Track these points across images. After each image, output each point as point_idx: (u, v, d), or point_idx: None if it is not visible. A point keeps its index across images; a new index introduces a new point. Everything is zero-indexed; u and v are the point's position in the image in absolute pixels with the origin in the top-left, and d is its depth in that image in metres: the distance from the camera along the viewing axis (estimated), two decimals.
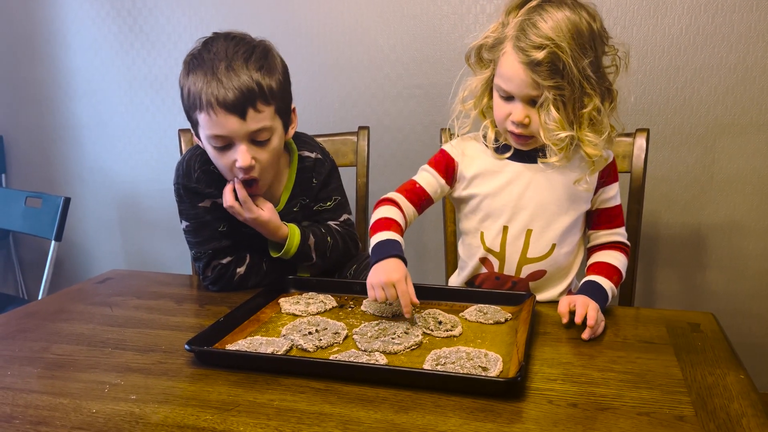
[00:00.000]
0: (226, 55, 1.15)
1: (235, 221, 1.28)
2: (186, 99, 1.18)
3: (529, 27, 1.06)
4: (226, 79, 1.13)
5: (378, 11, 2.10)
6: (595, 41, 1.08)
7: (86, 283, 1.36)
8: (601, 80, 1.10)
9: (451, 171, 1.25)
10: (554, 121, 1.08)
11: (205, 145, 1.21)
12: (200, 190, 1.27)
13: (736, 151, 1.93)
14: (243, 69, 1.14)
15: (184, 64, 1.20)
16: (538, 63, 1.05)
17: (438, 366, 0.89)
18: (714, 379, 0.87)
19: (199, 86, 1.14)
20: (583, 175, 1.16)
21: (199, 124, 1.18)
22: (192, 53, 1.20)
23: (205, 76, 1.14)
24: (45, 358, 0.98)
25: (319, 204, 1.36)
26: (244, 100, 1.13)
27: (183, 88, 1.19)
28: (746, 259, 1.98)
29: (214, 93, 1.12)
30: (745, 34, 1.85)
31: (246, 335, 1.03)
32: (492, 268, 1.24)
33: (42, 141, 2.56)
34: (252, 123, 1.15)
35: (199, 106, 1.14)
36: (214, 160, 1.22)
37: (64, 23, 2.41)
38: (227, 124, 1.14)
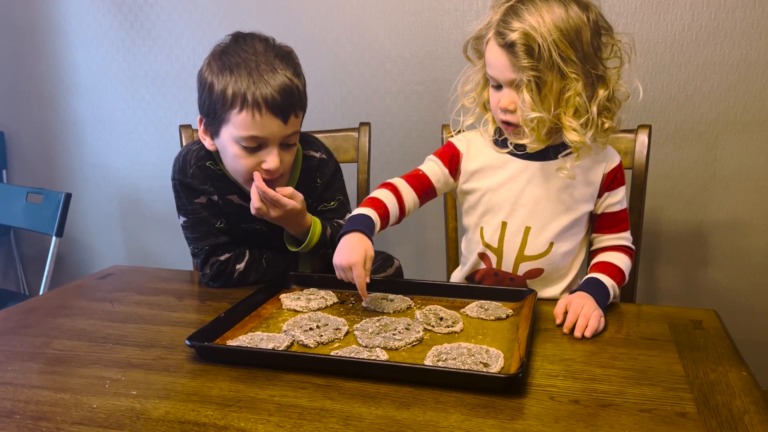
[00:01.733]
0: (265, 55, 1.15)
1: (233, 218, 1.28)
2: (217, 95, 1.15)
3: (510, 14, 1.08)
4: (273, 81, 1.13)
5: (379, 7, 2.10)
6: (582, 29, 1.07)
7: (87, 279, 1.36)
8: (588, 66, 1.09)
9: (456, 162, 1.25)
10: (527, 104, 1.08)
11: (228, 145, 1.18)
12: (195, 186, 1.27)
13: (738, 148, 1.92)
14: (282, 70, 1.15)
15: (214, 59, 1.17)
16: (513, 44, 1.06)
17: (439, 362, 0.89)
18: (716, 376, 0.86)
19: (243, 86, 1.12)
20: (565, 163, 1.16)
21: (229, 123, 1.15)
22: (223, 50, 1.18)
23: (251, 76, 1.12)
24: (46, 354, 0.98)
25: (323, 204, 1.35)
26: (289, 104, 1.15)
27: (214, 84, 1.15)
28: (748, 256, 1.97)
29: (263, 94, 1.12)
30: (747, 31, 1.84)
31: (247, 331, 1.03)
32: (490, 264, 1.24)
33: (43, 137, 2.56)
34: (290, 127, 1.17)
35: (242, 105, 1.12)
36: (233, 161, 1.20)
37: (65, 19, 2.41)
38: (270, 126, 1.14)
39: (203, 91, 1.18)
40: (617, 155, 1.24)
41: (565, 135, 1.12)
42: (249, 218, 1.28)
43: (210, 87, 1.16)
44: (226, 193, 1.29)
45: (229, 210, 1.30)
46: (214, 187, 1.27)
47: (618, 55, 1.14)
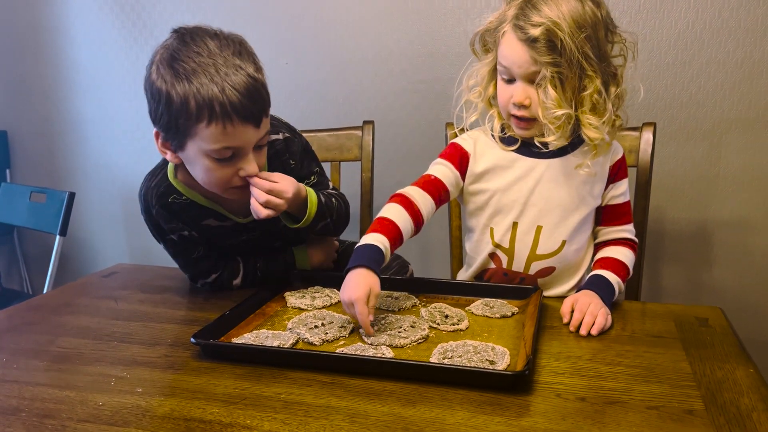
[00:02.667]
0: (221, 54, 1.02)
1: (216, 239, 1.25)
2: (177, 107, 1.01)
3: (528, 7, 1.07)
4: (238, 84, 1.01)
5: (382, 6, 2.09)
6: (597, 25, 1.08)
7: (92, 277, 1.36)
8: (603, 63, 1.09)
9: (465, 164, 1.23)
10: (552, 100, 1.07)
11: (197, 158, 1.07)
12: (163, 225, 1.21)
13: (742, 147, 1.91)
14: (244, 69, 1.03)
15: (165, 67, 1.02)
16: (535, 39, 1.05)
17: (445, 359, 0.89)
18: (723, 374, 0.86)
19: (207, 93, 0.99)
20: (585, 159, 1.15)
21: (196, 136, 1.03)
22: (172, 54, 1.02)
23: (213, 81, 1.00)
24: (51, 351, 0.98)
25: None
26: (260, 106, 1.05)
27: (171, 95, 1.01)
28: (753, 255, 1.97)
29: (231, 101, 1.00)
30: (752, 29, 1.84)
31: (252, 329, 1.03)
32: (500, 264, 1.24)
33: (46, 136, 2.55)
34: (263, 129, 1.08)
35: (210, 118, 1.00)
36: (206, 174, 1.09)
37: (68, 18, 2.41)
38: (243, 134, 1.04)
39: (157, 103, 1.04)
40: (620, 147, 1.24)
41: (584, 132, 1.12)
42: (232, 235, 1.25)
43: (167, 99, 1.02)
44: (201, 220, 1.22)
45: (210, 235, 1.24)
46: (183, 222, 1.20)
47: (623, 54, 1.14)
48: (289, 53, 2.21)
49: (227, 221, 1.23)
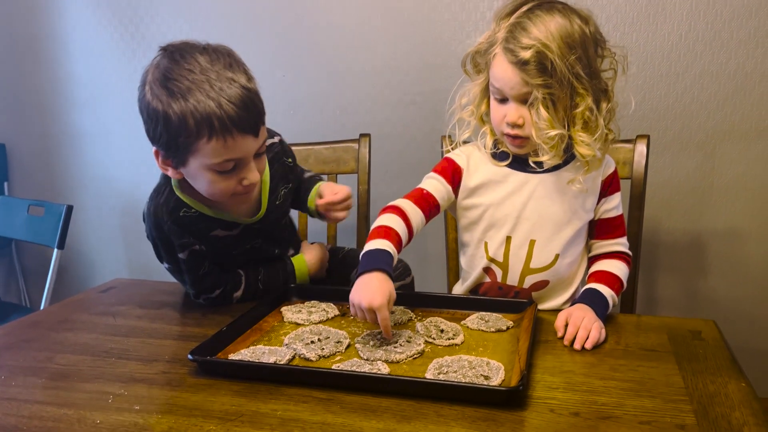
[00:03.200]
0: (213, 69, 1.04)
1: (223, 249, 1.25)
2: (176, 126, 1.03)
3: (517, 30, 1.08)
4: (234, 97, 1.03)
5: (379, 18, 2.11)
6: (587, 43, 1.09)
7: (89, 293, 1.37)
8: (594, 80, 1.11)
9: (458, 179, 1.24)
10: (544, 120, 1.08)
11: (199, 173, 1.09)
12: (175, 241, 1.19)
13: (736, 157, 1.93)
14: (236, 80, 1.05)
15: (158, 87, 1.04)
16: (526, 62, 1.06)
17: (440, 375, 0.90)
18: (715, 388, 0.87)
19: (204, 110, 1.01)
20: (577, 175, 1.16)
21: (197, 152, 1.05)
22: (164, 74, 1.04)
23: (208, 97, 1.01)
24: (49, 369, 0.98)
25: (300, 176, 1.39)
26: (256, 116, 1.07)
27: (169, 114, 1.02)
28: (747, 265, 1.98)
29: (228, 115, 1.02)
30: (744, 41, 1.86)
31: (249, 344, 1.03)
32: (495, 278, 1.25)
33: (44, 149, 2.56)
34: (260, 138, 1.10)
35: (210, 134, 1.02)
36: (209, 187, 1.11)
37: (66, 31, 2.42)
38: (243, 145, 1.06)
39: (155, 123, 1.06)
40: (612, 161, 1.25)
41: (577, 149, 1.13)
42: (238, 244, 1.27)
43: (165, 119, 1.03)
44: (209, 231, 1.23)
45: (217, 246, 1.25)
46: (194, 235, 1.20)
47: (613, 67, 1.15)
48: (286, 66, 2.22)
49: (234, 229, 1.25)
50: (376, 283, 1.00)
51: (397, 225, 1.13)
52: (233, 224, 1.25)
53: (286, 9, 2.18)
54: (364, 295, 0.99)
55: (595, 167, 1.18)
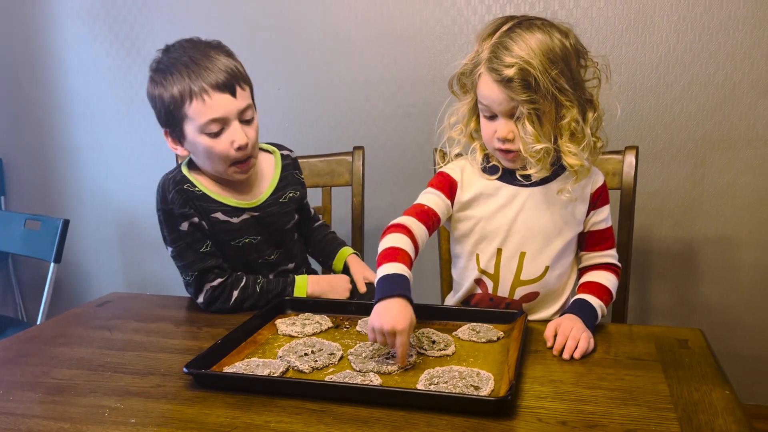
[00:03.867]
0: (195, 48, 1.24)
1: (222, 236, 1.33)
2: (168, 101, 1.22)
3: (499, 49, 1.10)
4: (210, 65, 1.21)
5: (372, 32, 2.14)
6: (568, 56, 1.11)
7: (86, 307, 1.38)
8: (579, 92, 1.13)
9: (454, 192, 1.25)
10: (530, 135, 1.10)
11: (195, 141, 1.24)
12: (176, 211, 1.28)
13: (725, 166, 1.96)
14: (217, 55, 1.24)
15: (153, 74, 1.25)
16: (510, 79, 1.08)
17: (431, 386, 0.91)
18: (700, 395, 0.89)
19: (186, 80, 1.20)
20: (566, 185, 1.18)
21: (187, 119, 1.22)
22: (156, 64, 1.26)
23: (188, 69, 1.20)
24: (46, 383, 1.00)
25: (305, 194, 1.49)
26: (231, 78, 1.22)
27: (160, 95, 1.23)
28: (738, 272, 2.00)
29: (205, 78, 1.20)
30: (731, 52, 1.89)
31: (243, 357, 1.05)
32: (486, 290, 1.26)
33: (41, 163, 2.58)
34: (240, 101, 1.24)
35: (190, 97, 1.20)
36: (205, 154, 1.25)
37: (63, 47, 2.45)
38: (222, 104, 1.21)
39: (155, 105, 1.26)
40: (601, 174, 1.27)
41: (564, 159, 1.15)
42: (236, 233, 1.33)
43: (160, 98, 1.23)
44: (209, 212, 1.31)
45: (216, 229, 1.32)
46: (195, 209, 1.29)
47: (597, 76, 1.17)
48: (280, 80, 2.25)
49: (233, 217, 1.33)
50: (397, 307, 0.99)
51: (407, 245, 1.11)
52: (234, 211, 1.32)
53: (280, 24, 2.21)
54: (386, 319, 0.98)
55: (584, 176, 1.19)
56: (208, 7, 2.27)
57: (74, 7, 2.40)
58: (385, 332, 0.97)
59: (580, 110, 1.13)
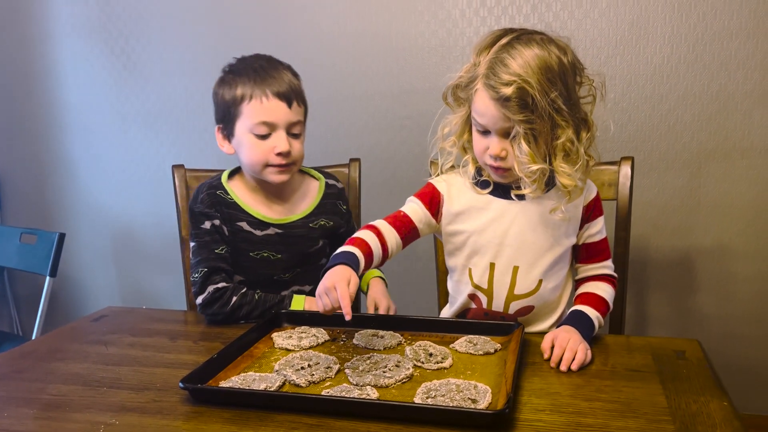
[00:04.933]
0: (267, 61, 1.37)
1: (242, 245, 1.37)
2: (229, 98, 1.33)
3: (497, 65, 1.09)
4: (276, 74, 1.33)
5: (368, 44, 2.15)
6: (566, 74, 1.10)
7: (81, 321, 1.37)
8: (574, 111, 1.12)
9: (436, 204, 1.25)
10: (525, 155, 1.10)
11: (242, 138, 1.33)
12: (202, 210, 1.35)
13: (721, 176, 1.96)
14: (285, 71, 1.36)
15: (224, 74, 1.38)
16: (507, 98, 1.07)
17: (428, 399, 0.91)
18: (698, 407, 0.88)
19: (250, 83, 1.31)
20: (559, 204, 1.18)
21: (241, 116, 1.32)
22: (229, 67, 1.39)
23: (256, 74, 1.32)
24: (41, 399, 0.99)
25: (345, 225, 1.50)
26: (291, 92, 1.33)
27: (222, 91, 1.35)
28: (735, 282, 2.00)
29: (268, 84, 1.31)
30: (725, 62, 1.90)
31: (239, 371, 1.04)
32: (481, 304, 1.25)
33: (37, 176, 2.58)
34: (294, 114, 1.34)
35: (250, 97, 1.31)
36: (249, 152, 1.33)
37: (59, 61, 2.45)
38: (276, 110, 1.31)
39: (217, 101, 1.37)
40: (594, 186, 1.27)
41: (558, 179, 1.14)
42: (257, 246, 1.37)
43: (222, 95, 1.35)
44: (235, 220, 1.37)
45: (238, 238, 1.37)
46: (221, 214, 1.36)
47: (592, 93, 1.17)
48: None
49: (258, 230, 1.38)
50: (337, 269, 1.04)
51: (370, 239, 1.15)
52: (259, 224, 1.38)
53: (275, 37, 2.22)
54: (325, 279, 1.02)
55: (577, 195, 1.19)
56: (203, 22, 2.28)
57: (70, 22, 2.41)
58: (326, 290, 1.01)
59: (575, 130, 1.12)
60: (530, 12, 2.00)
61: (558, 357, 1.04)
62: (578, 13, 1.97)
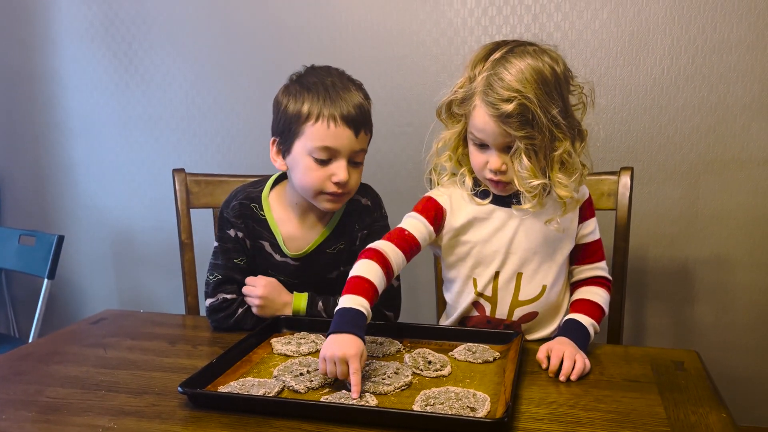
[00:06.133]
0: (340, 78, 1.27)
1: (261, 262, 1.35)
2: (292, 113, 1.23)
3: (495, 80, 1.08)
4: (347, 96, 1.23)
5: (368, 51, 2.15)
6: (561, 85, 1.11)
7: (80, 324, 1.37)
8: (570, 122, 1.12)
9: (440, 219, 1.24)
10: (526, 170, 1.10)
11: (300, 158, 1.24)
12: (229, 218, 1.33)
13: (719, 187, 1.97)
14: (356, 91, 1.25)
15: (291, 84, 1.28)
16: (508, 115, 1.07)
17: (427, 407, 0.91)
18: (697, 418, 0.88)
19: (319, 101, 1.21)
20: (554, 215, 1.18)
21: (302, 135, 1.22)
22: (299, 75, 1.29)
23: (326, 92, 1.22)
24: (39, 402, 0.99)
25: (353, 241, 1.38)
26: (360, 117, 1.23)
27: (287, 103, 1.24)
28: (733, 293, 2.00)
29: (337, 106, 1.21)
30: (724, 74, 1.91)
31: (238, 376, 1.04)
32: (484, 312, 1.25)
33: (37, 179, 2.58)
34: (359, 142, 1.24)
35: (316, 118, 1.20)
36: (304, 175, 1.24)
37: (60, 64, 2.46)
38: (342, 136, 1.21)
39: (278, 112, 1.27)
40: (586, 188, 1.27)
41: (555, 191, 1.14)
42: (274, 268, 1.35)
43: (286, 107, 1.24)
44: (259, 238, 1.34)
45: (258, 254, 1.35)
46: (246, 227, 1.33)
47: (582, 101, 1.17)
48: None
49: (277, 254, 1.34)
50: (347, 339, 0.98)
51: (375, 275, 1.09)
52: (280, 251, 1.34)
53: (277, 42, 2.22)
54: (336, 347, 0.97)
55: (573, 208, 1.20)
56: (206, 26, 2.28)
57: (73, 25, 2.41)
58: (336, 359, 0.96)
59: (571, 141, 1.13)
60: (531, 22, 2.01)
61: (555, 367, 1.04)
62: (579, 24, 1.98)
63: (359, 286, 1.07)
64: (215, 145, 2.35)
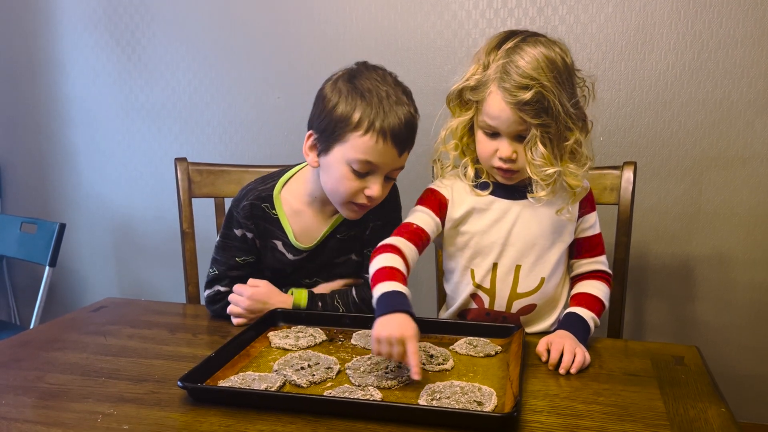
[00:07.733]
0: (394, 87, 1.20)
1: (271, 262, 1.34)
2: (341, 115, 1.17)
3: (511, 67, 1.09)
4: (400, 110, 1.17)
5: (372, 43, 2.15)
6: (571, 75, 1.13)
7: (80, 312, 1.37)
8: (579, 114, 1.14)
9: (444, 210, 1.25)
10: (542, 157, 1.11)
11: (336, 164, 1.19)
12: (239, 217, 1.31)
13: (722, 184, 1.96)
14: (407, 104, 1.19)
15: (343, 81, 1.20)
16: (526, 102, 1.08)
17: (433, 401, 0.90)
18: (696, 413, 0.88)
19: (372, 111, 1.15)
20: (566, 204, 1.19)
21: (345, 143, 1.17)
22: (352, 73, 1.21)
23: (381, 104, 1.16)
24: (39, 388, 0.99)
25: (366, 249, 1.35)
26: (407, 136, 1.19)
27: (337, 102, 1.18)
28: (734, 290, 2.00)
29: (390, 123, 1.15)
30: (729, 70, 1.90)
31: (237, 371, 1.03)
32: (482, 304, 1.26)
33: (38, 167, 2.58)
34: (401, 161, 1.21)
35: (367, 129, 1.15)
36: (337, 182, 1.20)
37: (63, 51, 2.45)
38: (387, 155, 1.17)
39: (325, 108, 1.20)
40: (587, 182, 1.27)
41: (566, 180, 1.16)
42: (286, 266, 1.34)
43: (335, 106, 1.18)
44: (272, 237, 1.32)
45: (268, 254, 1.34)
46: (257, 228, 1.31)
47: (584, 93, 1.18)
48: (281, 89, 2.25)
49: (290, 254, 1.33)
50: (401, 319, 0.98)
51: (399, 265, 1.10)
52: (293, 248, 1.32)
53: (281, 33, 2.22)
54: (393, 327, 0.96)
55: (582, 196, 1.21)
56: (210, 16, 2.28)
57: (76, 13, 2.40)
58: (393, 340, 0.95)
59: (581, 131, 1.14)
60: (536, 15, 2.00)
61: (555, 360, 1.04)
62: (584, 17, 1.97)
63: (390, 273, 1.07)
64: (217, 134, 2.34)
